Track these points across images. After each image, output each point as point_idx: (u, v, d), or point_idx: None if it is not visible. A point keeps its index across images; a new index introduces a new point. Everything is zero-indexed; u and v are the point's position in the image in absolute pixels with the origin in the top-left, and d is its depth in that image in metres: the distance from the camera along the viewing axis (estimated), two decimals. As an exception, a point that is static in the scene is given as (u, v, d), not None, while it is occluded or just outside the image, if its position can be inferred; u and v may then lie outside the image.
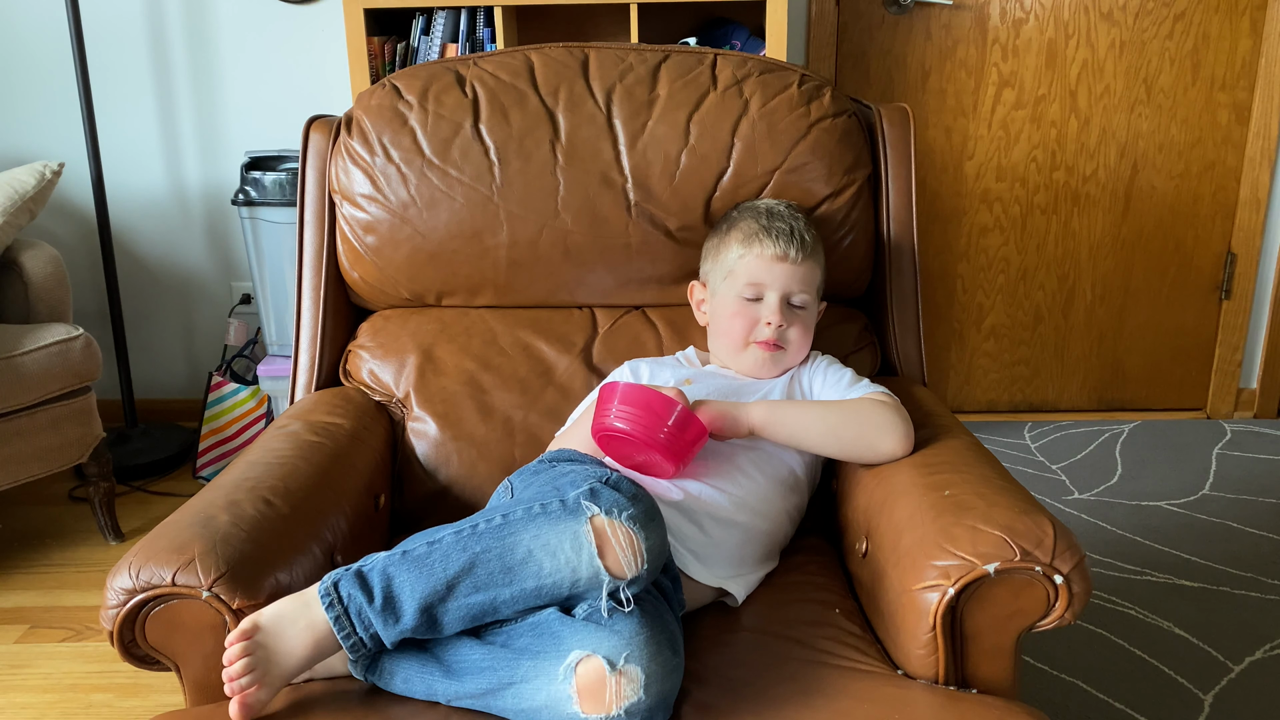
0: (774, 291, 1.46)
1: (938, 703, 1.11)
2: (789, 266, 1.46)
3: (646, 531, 1.07)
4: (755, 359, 1.47)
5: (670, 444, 1.26)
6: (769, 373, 1.48)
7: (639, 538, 1.06)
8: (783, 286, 1.46)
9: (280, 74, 2.81)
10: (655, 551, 1.08)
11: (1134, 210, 2.91)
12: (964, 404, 3.09)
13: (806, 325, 1.49)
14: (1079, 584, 1.11)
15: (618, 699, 1.02)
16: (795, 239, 1.46)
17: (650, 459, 1.30)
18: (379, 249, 1.62)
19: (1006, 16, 2.76)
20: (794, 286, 1.47)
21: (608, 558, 1.06)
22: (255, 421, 2.77)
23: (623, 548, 1.06)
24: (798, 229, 1.48)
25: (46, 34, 2.77)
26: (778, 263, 1.46)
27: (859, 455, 1.37)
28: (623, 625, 1.05)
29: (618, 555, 1.06)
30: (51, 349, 2.25)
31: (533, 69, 1.64)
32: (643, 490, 1.12)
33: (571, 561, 1.06)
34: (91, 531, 2.48)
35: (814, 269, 1.49)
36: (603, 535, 1.06)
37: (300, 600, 1.10)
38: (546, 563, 1.07)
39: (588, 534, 1.06)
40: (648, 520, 1.08)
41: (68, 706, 1.90)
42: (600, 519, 1.06)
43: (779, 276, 1.46)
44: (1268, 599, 2.13)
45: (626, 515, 1.06)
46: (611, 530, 1.06)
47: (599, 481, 1.09)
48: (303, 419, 1.49)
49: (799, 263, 1.46)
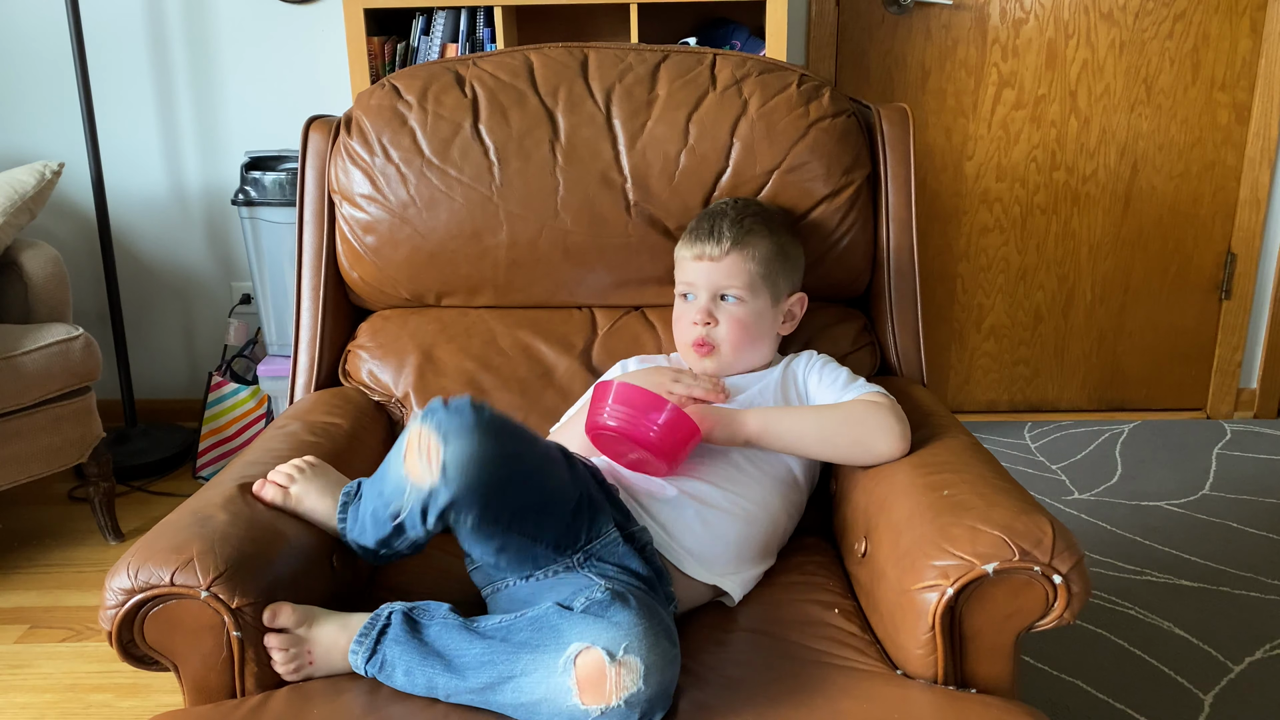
0: (702, 289, 1.46)
1: (937, 703, 1.11)
2: (708, 264, 1.46)
3: (452, 442, 1.07)
4: (697, 364, 1.48)
5: (661, 442, 1.27)
6: (716, 373, 1.47)
7: (438, 444, 1.07)
8: (708, 283, 1.46)
9: (280, 74, 2.81)
10: (456, 463, 1.07)
11: (1134, 210, 2.91)
12: (964, 404, 3.09)
13: (741, 320, 1.46)
14: (1078, 584, 1.11)
15: (618, 690, 1.02)
16: (714, 236, 1.45)
17: (643, 457, 1.30)
18: (378, 249, 1.62)
19: (1006, 16, 2.76)
20: (719, 281, 1.45)
21: (408, 462, 1.10)
22: (255, 421, 2.77)
23: (420, 453, 1.09)
24: (719, 226, 1.46)
25: (46, 34, 2.77)
26: (698, 261, 1.47)
27: (856, 459, 1.37)
28: (621, 616, 1.05)
29: (415, 461, 1.09)
30: (51, 349, 2.25)
31: (532, 69, 1.64)
32: (488, 410, 1.11)
33: (395, 466, 1.13)
34: (91, 531, 2.48)
35: (741, 261, 1.45)
36: (411, 443, 1.10)
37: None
38: (391, 469, 1.15)
39: (406, 439, 1.11)
40: (460, 431, 1.08)
41: (68, 706, 1.90)
42: (416, 427, 1.10)
43: (702, 273, 1.46)
44: (1268, 599, 2.13)
45: (434, 421, 1.08)
46: (418, 437, 1.09)
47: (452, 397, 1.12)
48: (302, 419, 1.49)
49: (719, 258, 1.45)
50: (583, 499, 1.22)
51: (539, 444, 1.21)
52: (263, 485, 1.27)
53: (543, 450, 1.21)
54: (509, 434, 1.14)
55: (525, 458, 1.16)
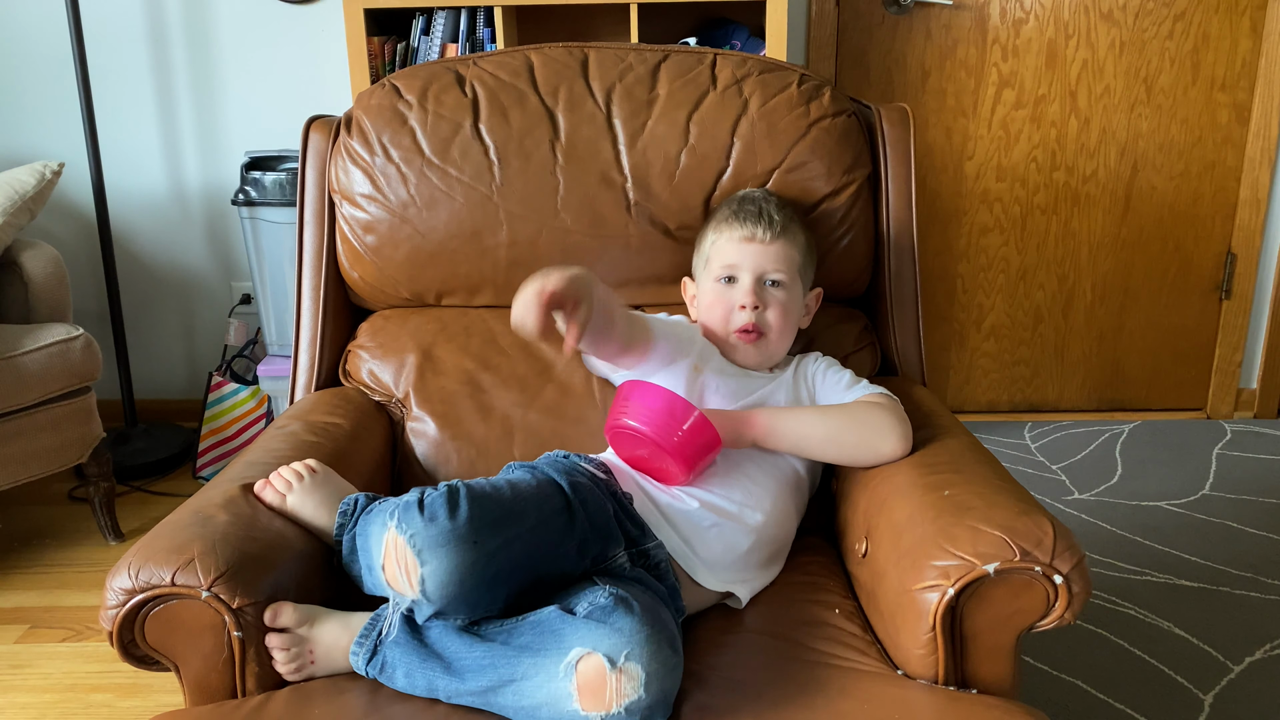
0: (747, 272, 1.45)
1: (937, 703, 1.11)
2: (759, 246, 1.45)
3: (429, 560, 1.04)
4: (741, 351, 1.47)
5: (683, 448, 1.26)
6: (757, 361, 1.47)
7: (415, 562, 1.05)
8: (755, 266, 1.45)
9: (280, 74, 2.81)
10: (435, 582, 1.05)
11: (1134, 210, 2.91)
12: (964, 404, 3.09)
13: (785, 307, 1.46)
14: (1078, 584, 1.11)
15: (618, 697, 1.02)
16: (764, 219, 1.46)
17: (662, 462, 1.30)
18: (379, 249, 1.62)
19: (1006, 16, 2.76)
20: (767, 265, 1.45)
21: (387, 572, 1.09)
22: (255, 421, 2.77)
23: (398, 566, 1.07)
24: (767, 210, 1.47)
25: (46, 34, 2.77)
26: (747, 243, 1.46)
27: (859, 459, 1.37)
28: (623, 623, 1.05)
29: (394, 574, 1.07)
30: (51, 349, 2.25)
31: (532, 69, 1.64)
32: (464, 507, 1.06)
33: (373, 562, 1.13)
34: (91, 531, 2.48)
35: (787, 248, 1.46)
36: (388, 551, 1.07)
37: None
38: (375, 556, 1.13)
39: (383, 542, 1.09)
40: (437, 545, 1.04)
41: (68, 706, 1.90)
42: (391, 534, 1.07)
43: (750, 256, 1.45)
44: (1268, 599, 2.13)
45: (408, 533, 1.05)
46: (394, 546, 1.07)
47: (428, 493, 1.07)
48: (302, 419, 1.49)
49: (769, 242, 1.45)
50: (586, 541, 1.18)
51: (527, 515, 1.13)
52: (264, 487, 1.27)
53: (533, 520, 1.13)
54: (490, 526, 1.08)
55: (512, 545, 1.10)
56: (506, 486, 1.14)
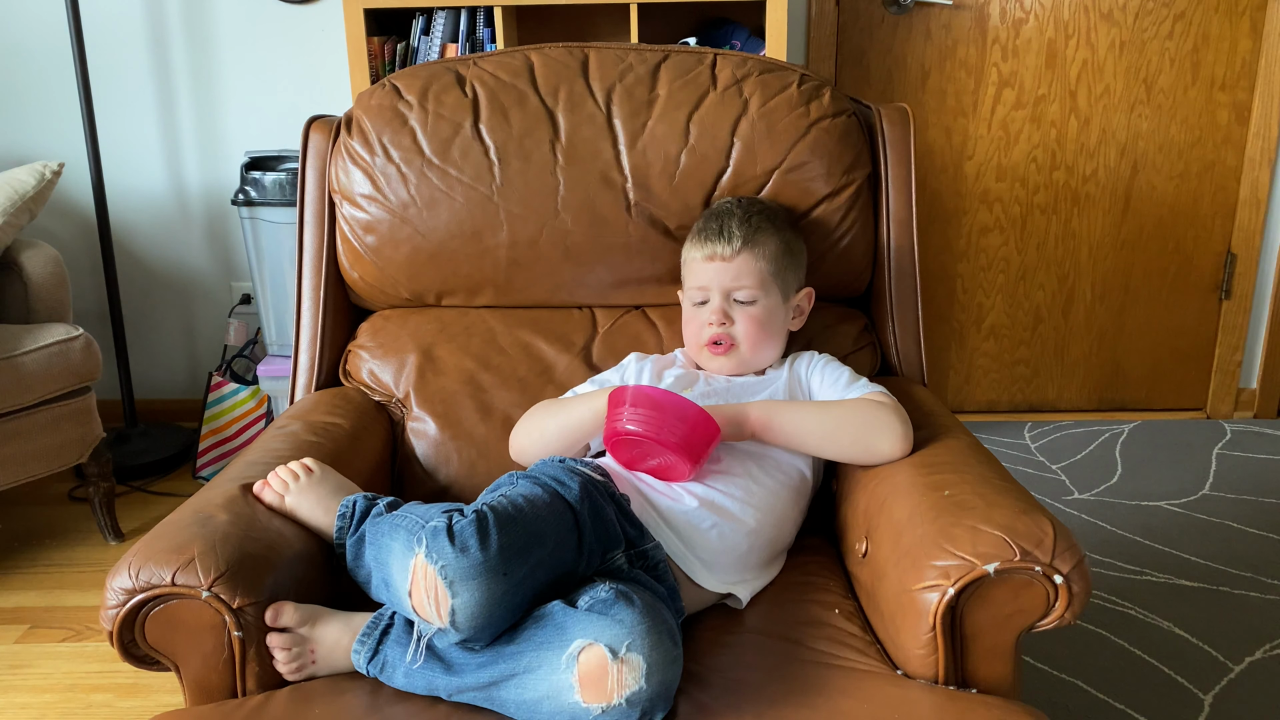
0: (715, 292, 1.46)
1: (937, 703, 1.11)
2: (720, 264, 1.46)
3: (460, 592, 1.04)
4: (716, 364, 1.48)
5: (685, 442, 1.26)
6: (733, 372, 1.48)
7: (445, 593, 1.04)
8: (719, 285, 1.46)
9: (280, 74, 2.81)
10: (466, 614, 1.04)
11: (1134, 210, 2.91)
12: (964, 404, 3.09)
13: (757, 318, 1.46)
14: (1079, 584, 1.11)
15: (619, 688, 1.02)
16: (724, 235, 1.46)
17: (665, 460, 1.30)
18: (379, 249, 1.62)
19: (1006, 16, 2.76)
20: (729, 282, 1.46)
21: (414, 599, 1.07)
22: (255, 421, 2.77)
23: (426, 595, 1.06)
24: (728, 226, 1.46)
25: (46, 34, 2.77)
26: (709, 262, 1.47)
27: (858, 457, 1.37)
28: (624, 615, 1.05)
29: (422, 602, 1.07)
30: (51, 349, 2.25)
31: (533, 69, 1.64)
32: (494, 535, 1.05)
33: (399, 580, 1.11)
34: (91, 531, 2.48)
35: (751, 261, 1.46)
36: (416, 578, 1.07)
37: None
38: (396, 577, 1.11)
39: (410, 568, 1.07)
40: (468, 577, 1.04)
41: (68, 706, 1.90)
42: (420, 560, 1.06)
43: (714, 275, 1.46)
44: (1268, 599, 2.13)
45: (439, 563, 1.04)
46: (423, 574, 1.06)
47: (456, 520, 1.06)
48: (302, 419, 1.49)
49: (729, 258, 1.45)
50: (591, 550, 1.17)
51: (547, 538, 1.11)
52: (262, 487, 1.27)
53: (552, 543, 1.12)
54: (518, 555, 1.07)
55: (536, 572, 1.09)
56: (526, 505, 1.12)
